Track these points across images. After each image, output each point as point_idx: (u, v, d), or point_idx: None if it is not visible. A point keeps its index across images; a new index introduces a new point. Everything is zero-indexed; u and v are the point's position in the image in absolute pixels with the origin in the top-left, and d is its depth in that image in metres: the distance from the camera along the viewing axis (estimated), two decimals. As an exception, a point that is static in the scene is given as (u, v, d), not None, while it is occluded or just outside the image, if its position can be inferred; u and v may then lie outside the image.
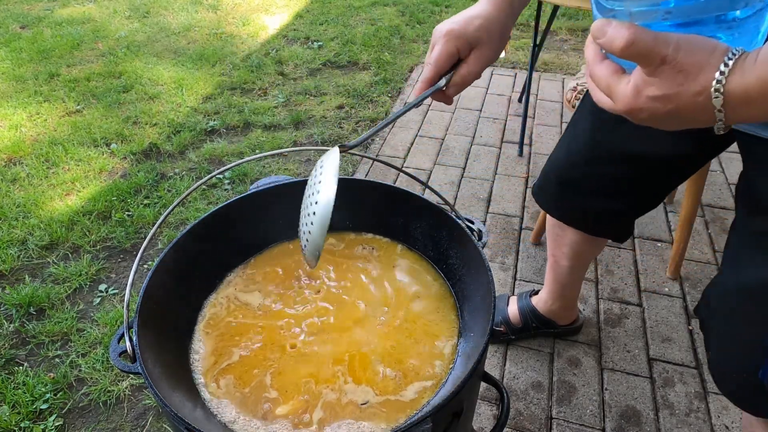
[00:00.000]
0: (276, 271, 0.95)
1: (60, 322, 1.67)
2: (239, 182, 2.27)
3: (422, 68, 0.85)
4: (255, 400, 0.75)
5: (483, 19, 0.71)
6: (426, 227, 0.94)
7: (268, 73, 3.16)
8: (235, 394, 0.76)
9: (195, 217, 2.05)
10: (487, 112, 2.77)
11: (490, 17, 0.71)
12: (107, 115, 2.74)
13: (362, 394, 0.75)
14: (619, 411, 1.43)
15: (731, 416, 1.40)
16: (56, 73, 3.14)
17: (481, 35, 0.70)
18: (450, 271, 0.92)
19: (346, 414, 0.73)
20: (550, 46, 3.42)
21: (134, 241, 1.99)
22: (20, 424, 1.41)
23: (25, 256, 1.93)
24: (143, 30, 3.73)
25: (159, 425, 1.42)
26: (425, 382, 0.77)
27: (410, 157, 2.45)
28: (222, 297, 0.91)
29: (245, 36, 3.64)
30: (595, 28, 0.48)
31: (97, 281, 1.84)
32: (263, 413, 0.74)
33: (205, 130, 2.64)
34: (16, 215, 2.08)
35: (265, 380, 0.77)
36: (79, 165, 2.37)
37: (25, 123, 2.68)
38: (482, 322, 0.75)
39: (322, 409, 0.74)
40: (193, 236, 0.86)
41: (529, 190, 2.22)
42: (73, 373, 1.54)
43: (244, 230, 0.94)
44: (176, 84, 3.02)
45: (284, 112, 2.78)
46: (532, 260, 1.89)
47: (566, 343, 1.60)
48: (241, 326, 0.86)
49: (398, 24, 3.73)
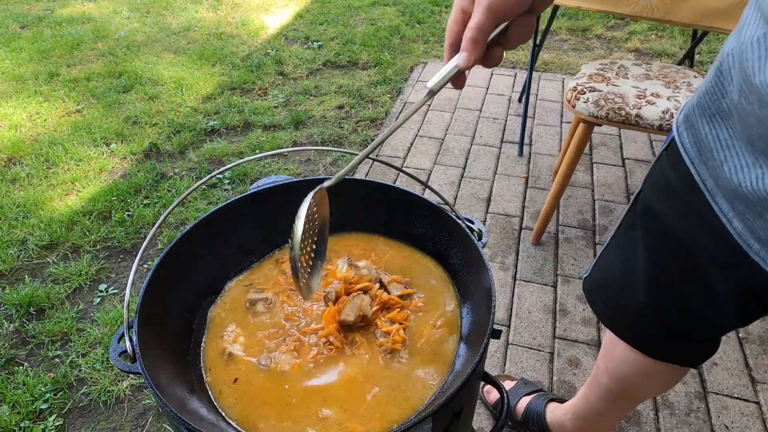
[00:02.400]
0: (276, 271, 0.95)
1: (60, 322, 1.67)
2: (239, 182, 2.27)
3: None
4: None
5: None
6: (426, 227, 0.94)
7: (268, 73, 3.16)
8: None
9: (195, 217, 2.05)
10: (487, 112, 2.77)
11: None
12: (107, 115, 2.74)
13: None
14: (619, 411, 1.43)
15: (731, 416, 1.40)
16: (56, 73, 3.14)
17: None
18: (450, 271, 0.92)
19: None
20: (550, 46, 3.42)
21: (134, 241, 1.99)
22: (20, 424, 1.41)
23: (25, 256, 1.93)
24: (143, 30, 3.73)
25: (159, 425, 1.42)
26: (425, 382, 0.77)
27: (410, 157, 2.45)
28: (222, 297, 0.91)
29: (245, 36, 3.64)
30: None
31: (97, 281, 1.84)
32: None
33: (205, 130, 2.64)
34: (16, 215, 2.08)
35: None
36: (79, 165, 2.37)
37: (25, 123, 2.68)
38: (482, 321, 0.75)
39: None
40: (193, 236, 0.86)
41: (530, 190, 2.22)
42: (73, 373, 1.54)
43: (244, 230, 0.94)
44: (176, 84, 3.02)
45: (284, 112, 2.78)
46: (532, 260, 1.89)
47: (566, 343, 1.60)
48: (242, 325, 0.86)
49: (398, 24, 3.73)
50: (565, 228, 2.02)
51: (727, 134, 0.59)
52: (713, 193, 0.62)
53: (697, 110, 0.64)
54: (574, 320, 1.67)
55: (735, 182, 0.57)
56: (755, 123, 0.53)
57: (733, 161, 0.57)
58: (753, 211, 0.56)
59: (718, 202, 0.62)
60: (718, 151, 0.60)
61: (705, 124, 0.62)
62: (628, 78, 1.75)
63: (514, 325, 1.67)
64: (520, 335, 1.63)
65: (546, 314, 1.70)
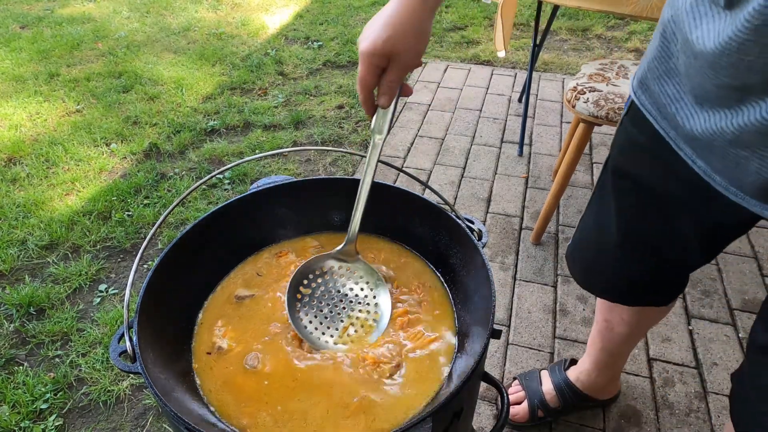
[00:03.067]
0: (276, 271, 0.95)
1: (60, 322, 1.67)
2: (239, 182, 2.27)
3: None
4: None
5: (392, 29, 0.68)
6: (426, 227, 0.94)
7: (268, 73, 3.16)
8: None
9: (195, 217, 2.05)
10: (487, 112, 2.77)
11: (399, 24, 0.68)
12: (107, 115, 2.74)
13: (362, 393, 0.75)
14: (619, 411, 1.43)
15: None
16: (56, 73, 3.14)
17: (391, 48, 0.69)
18: (450, 271, 0.92)
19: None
20: (550, 46, 3.42)
21: (134, 241, 1.99)
22: (20, 423, 1.41)
23: (25, 256, 1.93)
24: (143, 30, 3.73)
25: (159, 425, 1.42)
26: (425, 382, 0.77)
27: (410, 157, 2.45)
28: (222, 297, 0.91)
29: (245, 36, 3.64)
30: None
31: (97, 281, 1.84)
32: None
33: (205, 130, 2.64)
34: (16, 215, 2.08)
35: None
36: (79, 165, 2.37)
37: (25, 123, 2.68)
38: (482, 321, 0.75)
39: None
40: (193, 236, 0.86)
41: (530, 190, 2.22)
42: (73, 372, 1.54)
43: (244, 230, 0.94)
44: (176, 84, 3.02)
45: (284, 112, 2.78)
46: (532, 260, 1.89)
47: (566, 342, 1.60)
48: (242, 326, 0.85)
49: (398, 24, 3.73)
50: (565, 228, 2.03)
51: (675, 90, 0.69)
52: (676, 141, 0.72)
53: (649, 74, 0.74)
54: (574, 320, 1.67)
55: (688, 128, 0.67)
56: (695, 74, 0.63)
57: (684, 111, 0.68)
58: (707, 149, 0.66)
59: (682, 147, 0.71)
60: (670, 105, 0.70)
61: (657, 84, 0.73)
62: (628, 78, 1.75)
63: (514, 325, 1.67)
64: (520, 335, 1.63)
65: (546, 314, 1.70)
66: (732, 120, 0.60)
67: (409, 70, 0.73)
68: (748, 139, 0.59)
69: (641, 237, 0.89)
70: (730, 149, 0.62)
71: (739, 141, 0.60)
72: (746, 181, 0.63)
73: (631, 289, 1.00)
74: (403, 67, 0.71)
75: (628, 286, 1.00)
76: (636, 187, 0.84)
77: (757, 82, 0.54)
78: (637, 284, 0.98)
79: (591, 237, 1.00)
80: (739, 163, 0.62)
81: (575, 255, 1.07)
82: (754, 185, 0.63)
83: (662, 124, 0.74)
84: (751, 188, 0.63)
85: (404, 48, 0.70)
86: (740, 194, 0.66)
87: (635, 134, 0.81)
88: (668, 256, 0.88)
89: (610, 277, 1.00)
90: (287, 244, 1.00)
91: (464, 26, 3.71)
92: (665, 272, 0.93)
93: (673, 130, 0.72)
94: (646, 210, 0.85)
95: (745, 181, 0.64)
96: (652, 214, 0.84)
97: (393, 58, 0.70)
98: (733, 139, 0.61)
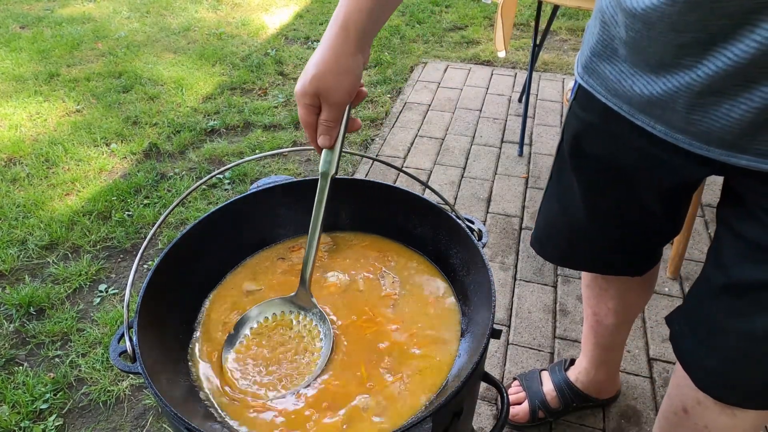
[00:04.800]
0: (276, 271, 0.95)
1: (60, 322, 1.67)
2: (239, 182, 2.27)
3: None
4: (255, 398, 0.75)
5: (316, 68, 0.70)
6: (426, 227, 0.94)
7: (268, 73, 3.16)
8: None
9: (195, 217, 2.05)
10: (487, 112, 2.77)
11: (322, 63, 0.70)
12: (107, 115, 2.74)
13: (362, 393, 0.75)
14: (619, 411, 1.43)
15: (731, 416, 1.40)
16: (56, 73, 3.14)
17: (316, 86, 0.71)
18: (450, 272, 0.92)
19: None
20: (550, 46, 3.42)
21: (134, 241, 1.99)
22: (20, 423, 1.41)
23: (25, 256, 1.93)
24: (143, 30, 3.73)
25: (159, 425, 1.42)
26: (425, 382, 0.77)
27: (410, 157, 2.45)
28: (222, 297, 0.91)
29: (245, 36, 3.64)
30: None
31: (97, 281, 1.84)
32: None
33: (205, 130, 2.64)
34: (16, 215, 2.08)
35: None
36: (79, 165, 2.37)
37: (25, 123, 2.68)
38: (482, 322, 0.75)
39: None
40: (193, 236, 0.86)
41: (530, 190, 2.22)
42: (73, 373, 1.54)
43: (244, 230, 0.95)
44: (176, 84, 3.02)
45: (284, 112, 2.78)
46: (532, 260, 1.89)
47: (566, 342, 1.60)
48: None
49: (398, 24, 3.73)
50: (565, 228, 2.02)
51: (626, 66, 0.72)
52: (631, 114, 0.76)
53: (594, 58, 0.79)
54: (574, 320, 1.67)
55: (647, 95, 0.70)
56: (647, 45, 0.66)
57: (641, 82, 0.71)
58: (669, 110, 0.69)
59: (638, 118, 0.75)
60: (625, 80, 0.74)
61: (604, 66, 0.77)
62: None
63: (514, 325, 1.67)
64: (520, 335, 1.63)
65: (546, 314, 1.70)
66: (698, 72, 0.62)
67: (341, 107, 0.73)
68: (719, 85, 0.61)
69: (606, 208, 0.94)
70: (697, 101, 0.64)
71: (710, 89, 0.62)
72: (713, 128, 0.65)
73: (605, 259, 1.05)
74: (333, 104, 0.72)
75: (603, 257, 1.04)
76: (593, 163, 0.89)
77: (717, 29, 0.57)
78: (611, 253, 1.02)
79: (558, 219, 1.04)
80: (707, 111, 0.64)
81: (543, 240, 1.11)
82: (722, 131, 0.65)
83: (613, 101, 0.78)
84: (717, 135, 0.66)
85: (331, 86, 0.71)
86: (704, 147, 0.68)
87: (585, 116, 0.86)
88: (634, 221, 0.93)
89: (584, 250, 1.04)
90: (287, 245, 1.00)
91: (464, 26, 3.71)
92: (635, 239, 0.98)
93: (627, 104, 0.76)
94: (606, 183, 0.90)
95: (712, 130, 0.66)
96: (613, 186, 0.89)
97: (322, 96, 0.71)
98: (702, 89, 0.63)
